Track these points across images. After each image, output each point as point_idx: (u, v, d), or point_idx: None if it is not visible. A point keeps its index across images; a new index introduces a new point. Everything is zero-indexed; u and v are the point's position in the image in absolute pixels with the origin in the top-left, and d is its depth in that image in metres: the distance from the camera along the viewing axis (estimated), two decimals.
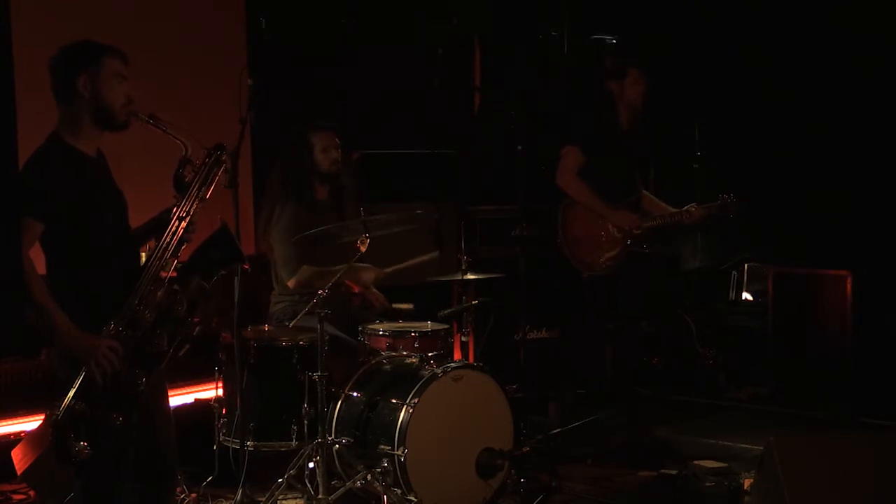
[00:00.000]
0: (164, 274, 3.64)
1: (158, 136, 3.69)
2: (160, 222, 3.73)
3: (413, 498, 4.54)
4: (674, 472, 5.40)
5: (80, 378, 3.49)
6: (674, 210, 6.00)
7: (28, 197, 3.46)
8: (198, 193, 3.71)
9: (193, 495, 4.76)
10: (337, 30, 6.62)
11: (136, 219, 3.87)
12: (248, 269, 4.08)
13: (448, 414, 4.74)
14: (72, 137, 3.65)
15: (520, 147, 5.65)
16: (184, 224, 3.67)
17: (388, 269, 5.47)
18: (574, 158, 5.85)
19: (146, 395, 3.67)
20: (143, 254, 3.77)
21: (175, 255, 3.67)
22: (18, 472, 3.61)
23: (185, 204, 3.69)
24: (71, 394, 3.49)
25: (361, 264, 5.22)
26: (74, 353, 3.52)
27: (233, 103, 4.37)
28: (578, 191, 5.89)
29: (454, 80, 6.98)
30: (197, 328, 3.72)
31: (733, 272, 7.87)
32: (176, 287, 3.65)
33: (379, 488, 4.57)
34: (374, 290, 5.54)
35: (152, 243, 3.71)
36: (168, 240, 3.65)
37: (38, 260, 3.59)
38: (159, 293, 3.62)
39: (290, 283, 5.33)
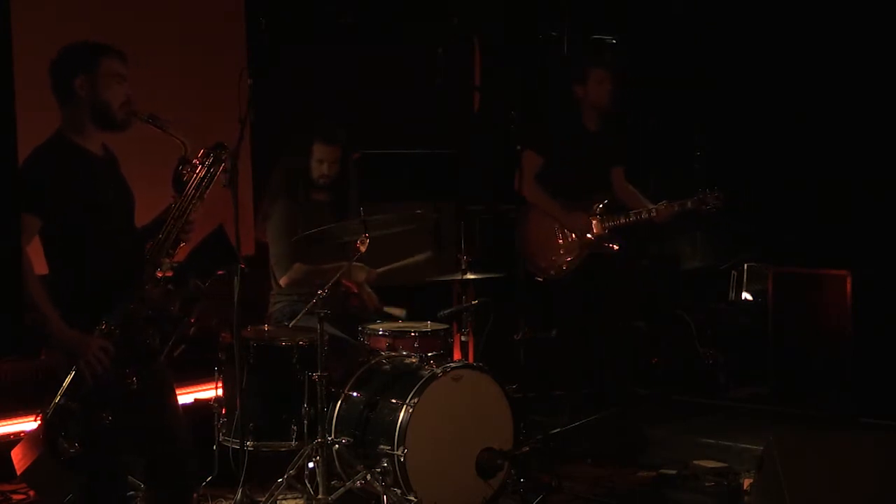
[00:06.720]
0: (159, 273, 3.63)
1: (159, 136, 3.69)
2: (159, 222, 3.73)
3: (413, 498, 4.54)
4: (674, 472, 5.40)
5: (71, 376, 3.49)
6: (640, 209, 5.87)
7: (26, 192, 3.44)
8: (195, 193, 3.70)
9: (194, 495, 4.76)
10: (337, 29, 6.62)
11: (139, 219, 3.86)
12: (245, 268, 4.08)
13: (448, 414, 4.74)
14: (76, 136, 3.65)
15: (519, 147, 5.65)
16: (180, 224, 3.67)
17: (380, 269, 5.47)
18: (529, 162, 5.79)
19: (153, 396, 3.67)
20: None
21: (170, 254, 3.67)
22: (18, 472, 3.60)
23: (181, 203, 3.69)
24: (61, 392, 3.48)
25: (355, 262, 5.22)
26: (66, 350, 3.51)
27: (233, 103, 4.36)
28: (532, 194, 5.84)
29: (454, 80, 6.97)
30: (192, 328, 3.71)
31: (733, 272, 7.86)
32: (170, 286, 3.65)
33: (379, 488, 4.57)
34: (369, 290, 5.54)
35: (150, 244, 3.70)
36: (164, 239, 3.65)
37: (36, 259, 3.59)
38: (154, 292, 3.62)
39: (283, 281, 5.33)
